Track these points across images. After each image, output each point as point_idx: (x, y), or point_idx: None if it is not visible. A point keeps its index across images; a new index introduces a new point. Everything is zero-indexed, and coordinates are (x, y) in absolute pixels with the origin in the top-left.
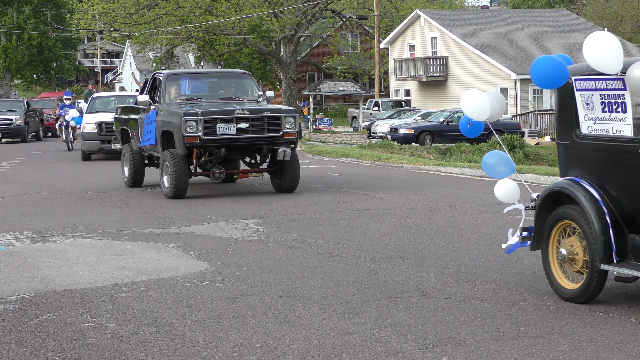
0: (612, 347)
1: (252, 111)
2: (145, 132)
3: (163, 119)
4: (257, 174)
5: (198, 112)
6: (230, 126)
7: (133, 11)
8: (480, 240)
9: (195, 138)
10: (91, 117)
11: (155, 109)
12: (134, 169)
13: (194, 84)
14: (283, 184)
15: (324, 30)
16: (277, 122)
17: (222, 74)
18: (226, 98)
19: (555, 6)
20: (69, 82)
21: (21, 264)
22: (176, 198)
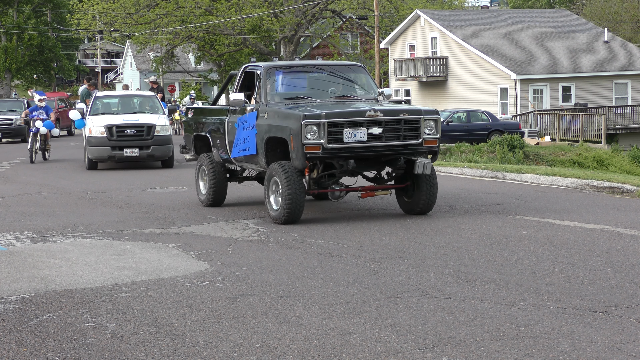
0: (612, 347)
1: (387, 112)
2: (240, 140)
3: (269, 122)
4: (384, 191)
5: (321, 113)
6: (360, 131)
7: (133, 11)
8: (480, 240)
9: (316, 147)
10: (98, 120)
11: (254, 111)
12: (214, 185)
13: (299, 79)
14: (417, 204)
15: (324, 31)
16: (415, 127)
17: (332, 67)
18: (340, 97)
19: (555, 6)
20: (69, 82)
21: (21, 264)
22: (289, 223)
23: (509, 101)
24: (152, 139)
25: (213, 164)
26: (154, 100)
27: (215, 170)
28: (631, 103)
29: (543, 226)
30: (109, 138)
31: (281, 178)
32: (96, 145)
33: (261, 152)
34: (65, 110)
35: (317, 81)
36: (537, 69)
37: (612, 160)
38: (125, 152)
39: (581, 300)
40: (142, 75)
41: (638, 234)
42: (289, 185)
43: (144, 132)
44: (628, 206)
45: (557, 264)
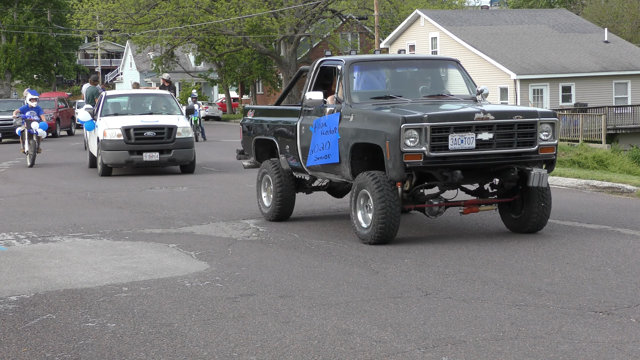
0: (612, 347)
1: (498, 115)
2: (317, 146)
3: (356, 126)
4: (489, 206)
5: (423, 115)
6: (468, 137)
7: (133, 11)
8: (480, 240)
9: (417, 155)
10: (113, 121)
11: (335, 112)
12: (281, 196)
13: (386, 75)
14: (527, 221)
15: (324, 31)
16: (530, 131)
17: (423, 62)
18: (434, 96)
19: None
20: (69, 82)
21: (21, 264)
22: (382, 243)
23: (509, 101)
24: (173, 142)
25: (279, 172)
26: (169, 99)
27: (282, 180)
28: (631, 103)
29: None
30: (126, 141)
31: (373, 191)
32: (112, 149)
33: (345, 161)
34: (65, 110)
35: (405, 78)
36: (537, 69)
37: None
38: (144, 157)
39: (581, 300)
40: (142, 75)
41: (638, 234)
42: (382, 199)
43: (165, 135)
44: (628, 206)
45: (557, 264)
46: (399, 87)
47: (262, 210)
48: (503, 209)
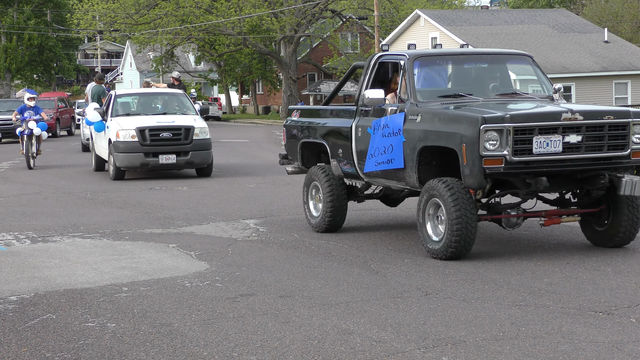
0: (612, 347)
1: (587, 114)
2: (379, 149)
3: (425, 127)
4: (571, 217)
5: (504, 115)
6: (555, 140)
7: (133, 11)
8: (480, 240)
9: (498, 160)
10: (126, 122)
11: (400, 112)
12: (332, 205)
13: (453, 71)
14: (613, 234)
15: (324, 31)
16: (622, 133)
17: (494, 57)
18: (507, 94)
19: (555, 6)
20: (69, 82)
21: (21, 264)
22: (457, 258)
23: None
24: (190, 143)
25: (330, 179)
26: (182, 98)
27: (333, 187)
28: (631, 103)
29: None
30: (141, 143)
31: (446, 200)
32: (126, 151)
33: (411, 166)
34: (65, 110)
35: (473, 74)
36: None
37: None
38: (160, 159)
39: (581, 300)
40: (142, 75)
41: (637, 234)
42: (457, 209)
43: (182, 136)
44: None
45: (557, 264)
46: (467, 84)
47: (310, 221)
48: (585, 221)
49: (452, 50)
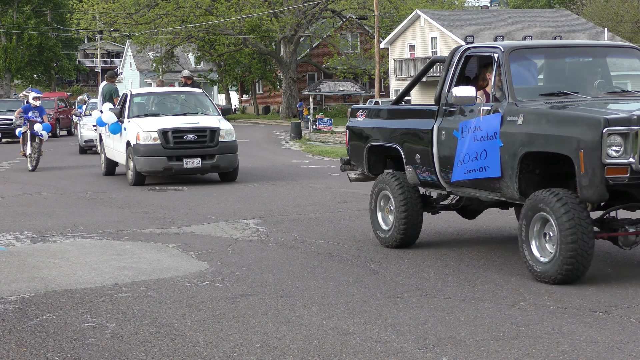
0: (612, 347)
1: None
2: (468, 155)
3: (529, 129)
4: None
5: (631, 117)
6: None
7: (133, 11)
8: (480, 241)
9: (622, 169)
10: (146, 123)
11: (496, 112)
12: (407, 217)
13: (554, 66)
14: None
15: (324, 30)
16: None
17: (600, 50)
18: (616, 92)
19: (555, 6)
20: (69, 82)
21: (21, 264)
22: (569, 283)
23: None
24: (216, 146)
25: (404, 188)
26: (200, 97)
27: (407, 197)
28: None
29: None
30: (164, 146)
31: (559, 216)
32: (147, 154)
33: (510, 175)
34: (65, 110)
35: (577, 69)
36: None
37: None
38: (184, 163)
39: (581, 300)
40: (142, 75)
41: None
42: (573, 227)
43: (207, 138)
44: None
45: None
46: (569, 81)
47: (378, 235)
48: None
49: (550, 42)
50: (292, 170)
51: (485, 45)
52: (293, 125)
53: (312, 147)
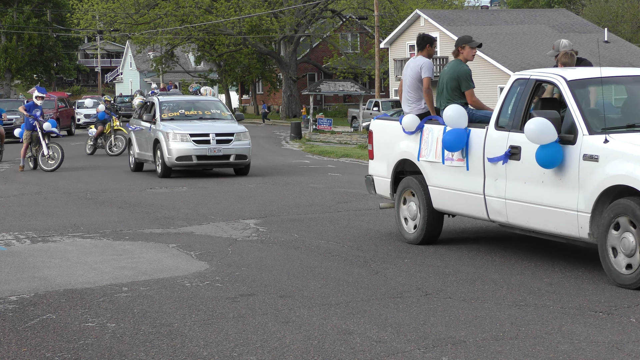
0: (612, 347)
1: None
2: None
3: None
4: None
5: None
6: None
7: (133, 11)
8: (480, 241)
9: None
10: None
11: None
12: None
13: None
14: None
15: (324, 30)
16: None
17: None
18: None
19: (555, 6)
20: (69, 82)
21: (21, 264)
22: None
23: None
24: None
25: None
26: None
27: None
28: None
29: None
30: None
31: None
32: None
33: None
34: (65, 110)
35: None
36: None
37: None
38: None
39: (581, 300)
40: (142, 75)
41: None
42: None
43: (227, 141)
44: None
45: (557, 264)
46: None
47: (405, 233)
48: None
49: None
50: (292, 170)
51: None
52: (293, 125)
53: (312, 147)
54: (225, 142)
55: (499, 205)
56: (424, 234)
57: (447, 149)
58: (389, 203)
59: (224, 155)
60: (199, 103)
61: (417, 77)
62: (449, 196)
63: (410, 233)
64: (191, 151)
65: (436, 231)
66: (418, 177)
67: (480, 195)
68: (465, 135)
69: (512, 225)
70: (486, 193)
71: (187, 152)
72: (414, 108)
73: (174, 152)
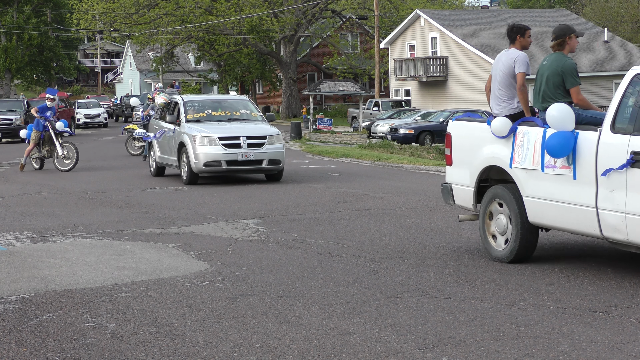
0: (612, 347)
1: None
2: None
3: None
4: None
5: None
6: None
7: (133, 11)
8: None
9: None
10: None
11: None
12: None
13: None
14: None
15: (324, 30)
16: None
17: None
18: None
19: (555, 6)
20: (69, 82)
21: (21, 264)
22: None
23: None
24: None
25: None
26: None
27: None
28: None
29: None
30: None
31: None
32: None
33: None
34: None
35: None
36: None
37: None
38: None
39: (581, 300)
40: (142, 75)
41: None
42: None
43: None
44: None
45: (557, 264)
46: None
47: (492, 251)
48: None
49: None
50: (292, 170)
51: None
52: (293, 125)
53: (312, 147)
54: (258, 146)
55: (617, 221)
56: (517, 250)
57: (551, 155)
58: (470, 215)
59: (256, 160)
60: (226, 103)
61: (509, 73)
62: (550, 208)
63: (499, 249)
64: (220, 156)
65: (530, 247)
66: (509, 186)
67: (592, 209)
68: (572, 139)
69: (634, 244)
70: (599, 206)
71: (215, 157)
72: (505, 107)
73: (202, 157)
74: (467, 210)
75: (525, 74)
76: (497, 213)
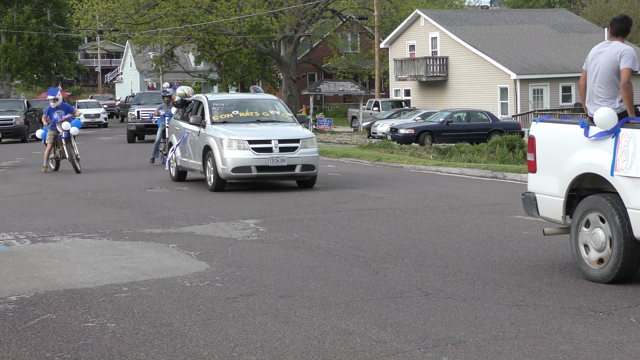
0: (612, 347)
1: None
2: None
3: None
4: None
5: None
6: None
7: (133, 11)
8: (480, 240)
9: None
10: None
11: None
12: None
13: None
14: None
15: (324, 30)
16: None
17: None
18: None
19: (555, 6)
20: (69, 81)
21: (21, 264)
22: None
23: (509, 101)
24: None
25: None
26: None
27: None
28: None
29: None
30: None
31: None
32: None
33: None
34: None
35: None
36: (537, 69)
37: None
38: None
39: (581, 300)
40: (142, 75)
41: None
42: None
43: (292, 148)
44: None
45: (557, 264)
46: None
47: (588, 270)
48: None
49: None
50: None
51: None
52: None
53: None
54: (290, 150)
55: None
56: (619, 269)
57: None
58: (558, 228)
59: (289, 166)
60: (254, 103)
61: (613, 68)
62: None
63: (595, 268)
64: (250, 161)
65: (635, 265)
66: (609, 197)
67: None
68: None
69: None
70: None
71: (245, 162)
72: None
73: (230, 162)
74: (555, 222)
75: (633, 70)
76: (594, 226)
